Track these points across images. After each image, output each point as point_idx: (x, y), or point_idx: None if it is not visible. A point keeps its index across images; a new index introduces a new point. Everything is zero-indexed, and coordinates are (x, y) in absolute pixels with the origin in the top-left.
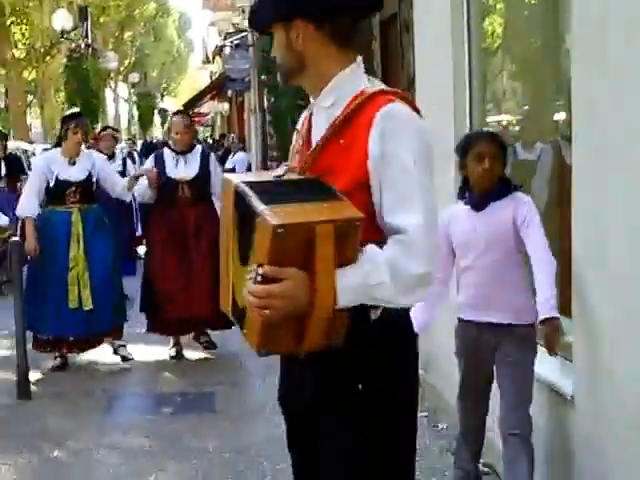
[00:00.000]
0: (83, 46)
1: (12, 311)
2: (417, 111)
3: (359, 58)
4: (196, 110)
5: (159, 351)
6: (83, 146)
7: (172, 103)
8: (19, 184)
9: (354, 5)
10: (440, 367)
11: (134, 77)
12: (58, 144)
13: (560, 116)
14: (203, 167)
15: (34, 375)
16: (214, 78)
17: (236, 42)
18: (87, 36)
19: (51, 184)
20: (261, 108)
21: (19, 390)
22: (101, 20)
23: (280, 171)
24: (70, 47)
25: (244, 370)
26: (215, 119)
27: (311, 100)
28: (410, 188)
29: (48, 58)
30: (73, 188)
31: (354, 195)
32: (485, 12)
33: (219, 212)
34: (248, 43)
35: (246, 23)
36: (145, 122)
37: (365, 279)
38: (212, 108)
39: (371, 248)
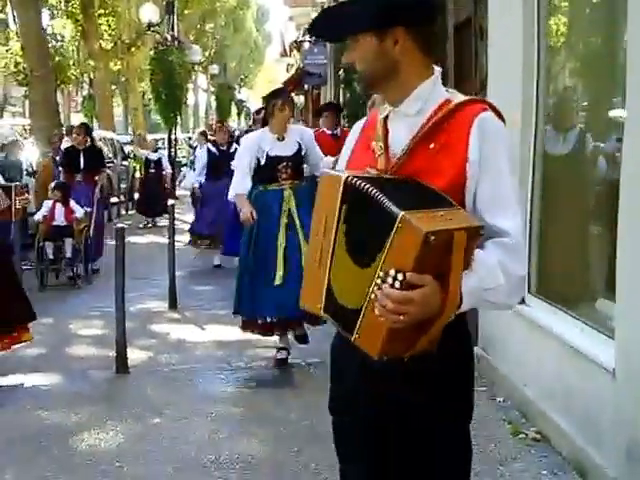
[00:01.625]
0: (169, 39)
1: (100, 294)
2: (503, 120)
3: (438, 70)
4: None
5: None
6: (291, 122)
7: (249, 95)
8: (97, 177)
9: (438, 14)
10: (497, 344)
11: (214, 69)
12: (265, 123)
13: (618, 112)
14: None
15: (129, 351)
16: (291, 71)
17: (315, 38)
18: (173, 29)
19: (262, 162)
20: (337, 102)
21: (118, 365)
22: (185, 12)
23: (372, 172)
24: (157, 39)
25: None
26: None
27: (382, 107)
28: (508, 192)
29: (133, 49)
30: (284, 163)
31: (449, 196)
32: (554, 12)
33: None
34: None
35: None
36: (223, 113)
37: (481, 283)
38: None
39: (479, 253)
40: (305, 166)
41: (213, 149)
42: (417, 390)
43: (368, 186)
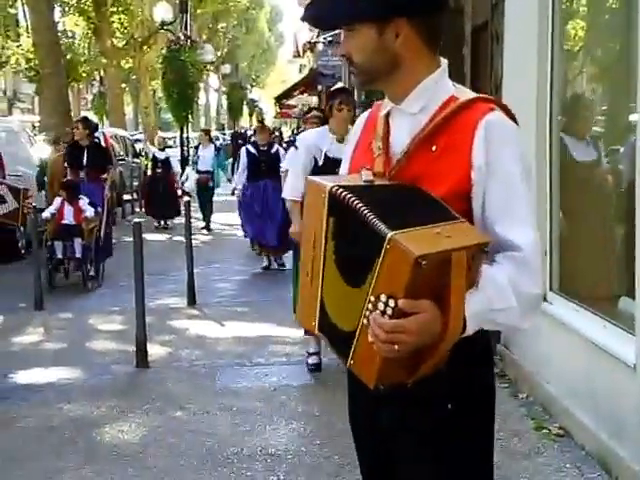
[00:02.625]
0: (182, 38)
1: (112, 291)
2: (515, 120)
3: (444, 62)
4: (286, 102)
5: (260, 326)
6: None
7: (260, 94)
8: (105, 176)
9: (443, 3)
10: (519, 341)
11: (226, 68)
12: (325, 122)
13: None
14: None
15: (149, 346)
16: (303, 72)
17: (329, 39)
18: (186, 28)
19: (319, 163)
20: (352, 103)
21: (138, 359)
22: (197, 11)
23: (366, 176)
24: (170, 38)
25: None
26: (301, 111)
27: (385, 102)
28: (519, 200)
29: (145, 47)
30: None
31: (453, 204)
32: (568, 17)
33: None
34: (340, 40)
35: None
36: (235, 113)
37: (490, 304)
38: (299, 101)
39: (488, 269)
40: None
41: (253, 150)
42: (423, 415)
43: (354, 199)
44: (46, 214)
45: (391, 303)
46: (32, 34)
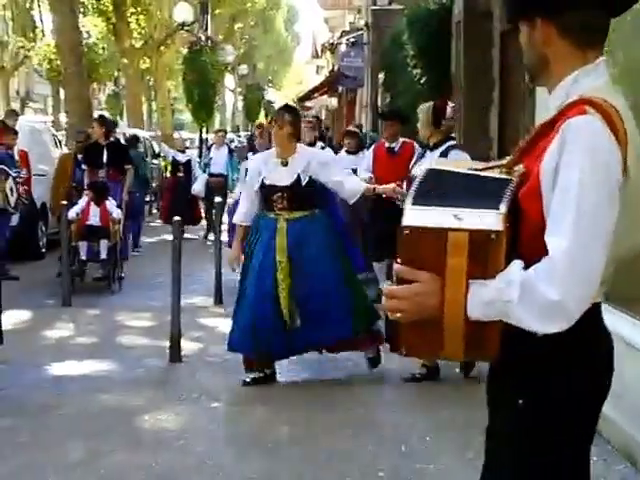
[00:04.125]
0: (203, 39)
1: (143, 289)
2: (615, 129)
3: (598, 60)
4: (302, 104)
5: None
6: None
7: (276, 95)
8: (124, 176)
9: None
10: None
11: (243, 69)
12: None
13: None
14: None
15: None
16: (321, 73)
17: (352, 40)
18: (206, 29)
19: (255, 188)
20: (373, 105)
21: (171, 354)
22: (216, 12)
23: (491, 164)
24: (190, 39)
25: None
26: (319, 113)
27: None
28: (565, 208)
29: (162, 48)
30: (279, 194)
31: (531, 204)
32: None
33: None
34: (364, 42)
35: (362, 22)
36: (252, 114)
37: (499, 295)
38: (316, 102)
39: (513, 264)
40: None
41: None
42: (497, 414)
43: (416, 178)
44: (72, 214)
45: (395, 268)
46: (55, 35)
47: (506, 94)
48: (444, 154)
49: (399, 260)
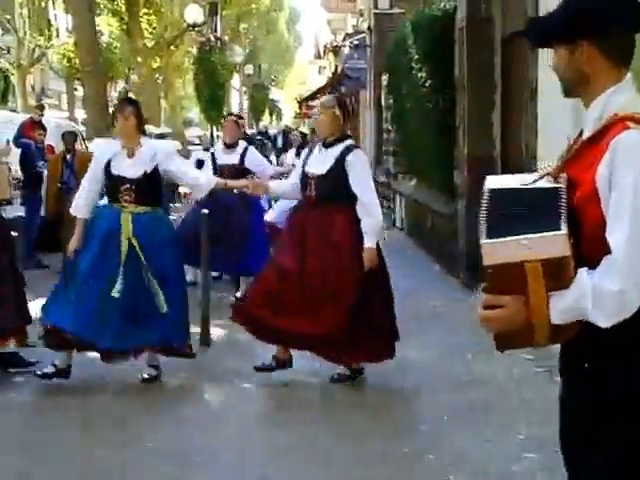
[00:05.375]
0: (212, 39)
1: None
2: None
3: (626, 77)
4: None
5: None
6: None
7: (280, 95)
8: None
9: (626, 26)
10: None
11: (248, 69)
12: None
13: None
14: None
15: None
16: (323, 73)
17: (355, 42)
18: (216, 30)
19: (102, 177)
20: (376, 105)
21: (201, 338)
22: (223, 13)
23: (537, 175)
24: (199, 40)
25: None
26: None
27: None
28: (622, 208)
29: (172, 47)
30: (127, 186)
31: (589, 207)
32: None
33: None
34: (366, 44)
35: (365, 25)
36: (258, 113)
37: (576, 304)
38: (318, 102)
39: (580, 274)
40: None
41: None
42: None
43: (485, 202)
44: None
45: (481, 297)
46: (73, 33)
47: (507, 97)
48: (345, 153)
49: (486, 290)
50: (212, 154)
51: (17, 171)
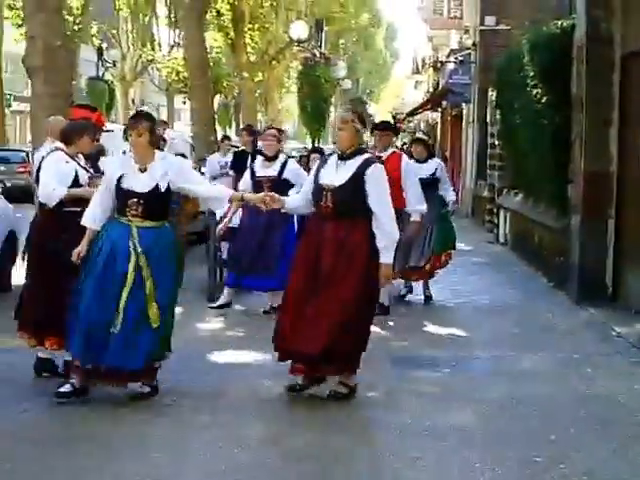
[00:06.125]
0: (317, 55)
1: None
2: None
3: None
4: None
5: None
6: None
7: (375, 109)
8: None
9: None
10: None
11: (347, 83)
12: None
13: None
14: None
15: None
16: (419, 88)
17: (460, 58)
18: (321, 46)
19: (112, 191)
20: (480, 121)
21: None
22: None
23: None
24: (302, 55)
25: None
26: (418, 126)
27: None
28: None
29: (274, 62)
30: (135, 200)
31: None
32: None
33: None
34: (471, 60)
35: (470, 41)
36: None
37: None
38: (417, 116)
39: None
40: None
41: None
42: None
43: None
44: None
45: None
46: (183, 49)
47: (625, 114)
48: (365, 166)
49: None
50: (251, 167)
51: None
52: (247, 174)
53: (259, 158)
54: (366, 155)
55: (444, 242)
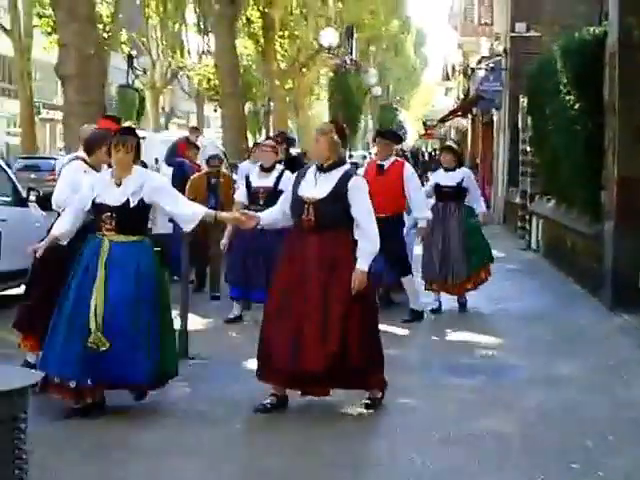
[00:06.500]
0: (348, 62)
1: None
2: None
3: None
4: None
5: None
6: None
7: (405, 115)
8: None
9: None
10: None
11: (377, 90)
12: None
13: None
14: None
15: None
16: (449, 95)
17: (491, 65)
18: (351, 53)
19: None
20: (512, 127)
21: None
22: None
23: None
24: (332, 62)
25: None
26: (448, 132)
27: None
28: None
29: (304, 70)
30: (108, 214)
31: None
32: None
33: None
34: (502, 67)
35: (500, 48)
36: None
37: None
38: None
39: None
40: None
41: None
42: None
43: None
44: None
45: None
46: (214, 57)
47: None
48: (346, 177)
49: None
50: (247, 177)
51: None
52: (243, 185)
53: (256, 168)
54: (346, 167)
55: (480, 257)
